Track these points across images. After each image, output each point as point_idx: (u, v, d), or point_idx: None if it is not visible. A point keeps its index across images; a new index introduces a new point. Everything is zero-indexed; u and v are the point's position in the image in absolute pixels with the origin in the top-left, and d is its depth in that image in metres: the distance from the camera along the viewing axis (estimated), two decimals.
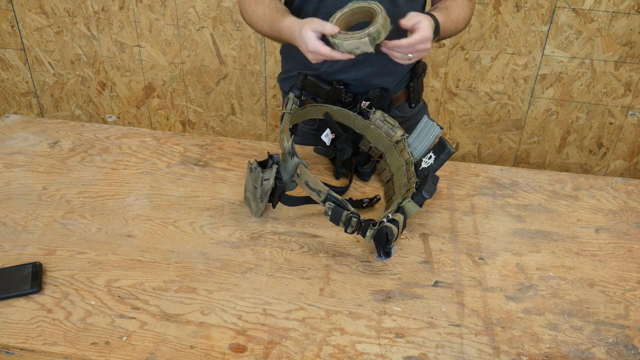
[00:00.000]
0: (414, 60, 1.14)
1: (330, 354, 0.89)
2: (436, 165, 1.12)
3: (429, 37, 1.10)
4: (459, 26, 1.26)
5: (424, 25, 1.10)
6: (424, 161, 1.15)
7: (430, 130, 1.16)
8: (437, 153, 1.13)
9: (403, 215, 1.05)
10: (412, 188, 1.11)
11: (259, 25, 1.26)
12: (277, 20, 1.20)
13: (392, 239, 1.00)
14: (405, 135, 1.23)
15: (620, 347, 0.92)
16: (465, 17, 1.27)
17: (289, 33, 1.17)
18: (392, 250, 1.03)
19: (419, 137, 1.19)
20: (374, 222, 1.02)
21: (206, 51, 2.46)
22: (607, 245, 1.14)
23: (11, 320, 0.93)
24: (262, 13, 1.23)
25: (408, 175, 1.17)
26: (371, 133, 1.27)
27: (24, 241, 1.10)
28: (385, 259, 1.04)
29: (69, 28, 2.51)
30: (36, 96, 2.74)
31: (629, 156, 2.45)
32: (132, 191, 1.24)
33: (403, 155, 1.21)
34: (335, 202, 1.03)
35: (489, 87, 2.37)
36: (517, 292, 1.02)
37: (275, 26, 1.21)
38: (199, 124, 2.69)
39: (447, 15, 1.21)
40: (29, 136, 1.42)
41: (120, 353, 0.88)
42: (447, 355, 0.89)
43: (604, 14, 2.14)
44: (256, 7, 1.25)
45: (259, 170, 1.06)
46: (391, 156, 1.25)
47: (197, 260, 1.06)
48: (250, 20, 1.28)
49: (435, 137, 1.15)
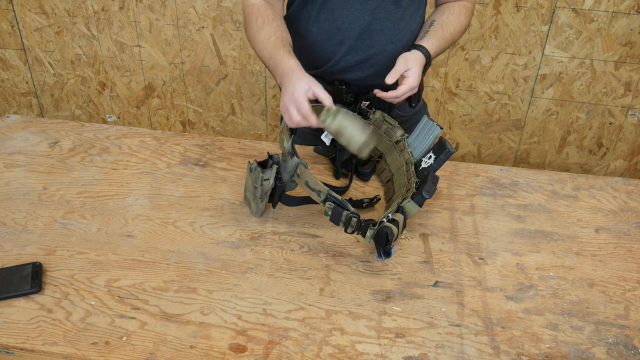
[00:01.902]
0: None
1: (330, 354, 0.89)
2: (436, 165, 1.12)
3: (415, 85, 1.18)
4: (455, 38, 1.29)
5: (411, 75, 1.17)
6: (423, 161, 1.15)
7: (430, 130, 1.16)
8: (437, 153, 1.12)
9: (403, 215, 1.05)
10: (412, 188, 1.11)
11: (259, 47, 1.22)
12: (280, 55, 1.16)
13: (392, 239, 1.00)
14: (405, 135, 1.23)
15: (620, 347, 0.92)
16: (461, 29, 1.29)
17: (286, 72, 1.13)
18: (392, 250, 1.03)
19: (418, 137, 1.19)
20: (374, 222, 1.02)
21: (206, 51, 2.46)
22: (607, 245, 1.14)
23: (11, 320, 0.93)
24: (265, 37, 1.20)
25: (408, 175, 1.17)
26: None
27: (24, 241, 1.10)
28: (385, 259, 1.04)
29: (69, 28, 2.51)
30: (36, 96, 2.74)
31: (629, 156, 2.45)
32: (132, 191, 1.24)
33: (403, 155, 1.21)
34: (335, 202, 1.03)
35: (489, 87, 2.37)
36: (517, 292, 1.02)
37: (275, 58, 1.17)
38: (199, 124, 2.69)
39: (442, 37, 1.25)
40: (29, 136, 1.42)
41: (120, 353, 0.88)
42: (447, 355, 0.89)
43: (604, 14, 2.14)
44: (262, 26, 1.21)
45: (259, 170, 1.06)
46: (391, 156, 1.25)
47: (197, 260, 1.06)
48: (251, 38, 1.25)
49: (435, 137, 1.15)
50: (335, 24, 1.24)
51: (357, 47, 1.26)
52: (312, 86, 1.08)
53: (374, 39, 1.25)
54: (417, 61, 1.19)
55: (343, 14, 1.23)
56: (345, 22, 1.23)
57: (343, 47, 1.26)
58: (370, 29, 1.24)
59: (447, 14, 1.27)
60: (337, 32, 1.25)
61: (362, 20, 1.23)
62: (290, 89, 1.09)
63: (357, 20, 1.23)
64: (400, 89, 1.17)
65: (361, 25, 1.23)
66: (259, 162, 1.08)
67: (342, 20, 1.23)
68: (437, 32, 1.25)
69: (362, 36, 1.25)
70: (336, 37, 1.26)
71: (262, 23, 1.21)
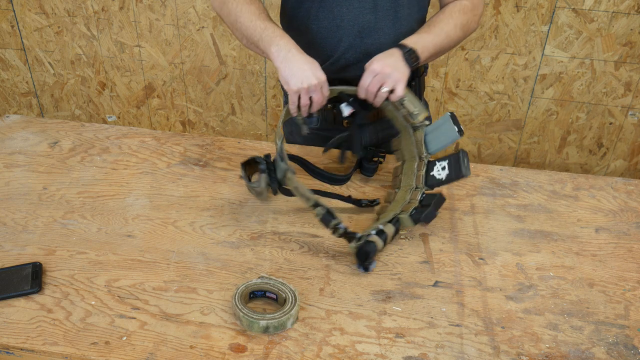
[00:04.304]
0: (385, 91, 1.13)
1: (330, 354, 0.89)
2: (445, 182, 1.11)
3: (378, 70, 1.11)
4: (450, 35, 1.23)
5: (372, 62, 1.12)
6: (436, 169, 1.12)
7: (448, 132, 1.11)
8: (450, 168, 1.09)
9: (396, 226, 1.06)
10: (415, 200, 1.11)
11: (246, 17, 1.17)
12: (279, 30, 1.14)
13: (372, 255, 1.01)
14: (425, 122, 1.15)
15: (620, 347, 0.92)
16: (456, 24, 1.23)
17: (284, 41, 1.12)
18: (370, 266, 1.03)
19: (435, 133, 1.13)
20: (359, 236, 1.02)
21: (206, 51, 2.46)
22: (607, 245, 1.14)
23: (11, 320, 0.93)
24: (256, 11, 1.18)
25: (417, 179, 1.15)
26: (389, 112, 1.21)
27: (24, 241, 1.10)
28: (364, 272, 1.04)
29: (69, 28, 2.51)
30: (36, 96, 2.74)
31: (629, 156, 2.45)
32: (132, 191, 1.24)
33: (418, 147, 1.16)
34: (325, 208, 1.03)
35: (489, 87, 2.37)
36: (517, 292, 1.02)
37: (274, 29, 1.15)
38: (199, 124, 2.69)
39: (427, 31, 1.20)
40: (29, 136, 1.42)
41: (120, 353, 0.88)
42: (447, 355, 0.89)
43: (604, 14, 2.14)
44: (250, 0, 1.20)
45: (246, 179, 1.10)
46: (406, 139, 1.20)
47: (197, 260, 1.06)
48: (234, 9, 1.21)
49: (451, 141, 1.11)
50: (334, 22, 1.24)
51: (356, 45, 1.26)
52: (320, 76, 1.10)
53: (373, 37, 1.25)
54: (384, 53, 1.13)
55: (342, 12, 1.23)
56: (345, 19, 1.23)
57: (342, 45, 1.26)
58: (369, 27, 1.24)
59: (439, 14, 1.25)
60: (337, 29, 1.25)
61: (361, 18, 1.23)
62: (310, 66, 1.10)
63: (357, 17, 1.23)
64: (363, 77, 1.12)
65: (360, 22, 1.23)
66: (246, 162, 1.10)
67: (342, 17, 1.23)
68: (422, 29, 1.21)
69: (361, 34, 1.24)
70: (335, 35, 1.25)
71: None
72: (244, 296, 0.95)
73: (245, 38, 1.19)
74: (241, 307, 0.92)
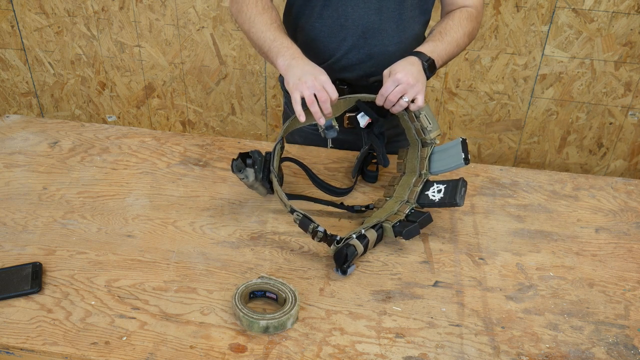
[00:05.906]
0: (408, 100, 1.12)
1: (330, 354, 0.89)
2: (437, 205, 1.10)
3: (405, 80, 1.10)
4: (459, 43, 1.24)
5: (396, 70, 1.11)
6: (432, 190, 1.12)
7: (455, 157, 1.11)
8: (446, 193, 1.09)
9: (378, 232, 1.06)
10: (402, 213, 1.10)
11: (259, 27, 1.18)
12: (288, 41, 1.15)
13: (351, 259, 1.01)
14: (435, 141, 1.15)
15: (620, 347, 0.92)
16: (465, 33, 1.24)
17: (290, 51, 1.12)
18: (349, 269, 1.03)
19: (442, 154, 1.14)
20: (338, 239, 1.02)
21: (206, 51, 2.46)
22: (607, 245, 1.14)
23: (11, 320, 0.93)
24: (268, 22, 1.18)
25: (411, 194, 1.15)
26: (403, 121, 1.20)
27: (24, 241, 1.10)
28: (342, 275, 1.04)
29: (69, 28, 2.51)
30: (36, 96, 2.74)
31: (629, 156, 2.45)
32: (132, 191, 1.24)
33: (421, 163, 1.17)
34: (300, 214, 1.03)
35: (489, 87, 2.37)
36: (517, 292, 1.02)
37: (283, 41, 1.15)
38: (199, 124, 2.69)
39: (440, 40, 1.20)
40: (29, 136, 1.42)
41: (120, 353, 0.88)
42: (447, 355, 0.89)
43: (604, 14, 2.14)
44: (264, 11, 1.20)
45: (236, 169, 1.09)
46: (412, 153, 1.20)
47: (197, 260, 1.06)
48: (250, 19, 1.20)
49: (455, 167, 1.11)
50: (339, 21, 1.24)
51: (359, 45, 1.26)
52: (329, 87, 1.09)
53: (377, 38, 1.25)
54: (406, 61, 1.13)
55: (347, 11, 1.23)
56: (349, 19, 1.23)
57: (345, 45, 1.26)
58: (373, 28, 1.24)
59: (448, 21, 1.25)
60: (341, 29, 1.25)
61: (365, 18, 1.23)
62: (311, 68, 1.10)
63: (361, 18, 1.23)
64: (385, 85, 1.11)
65: (365, 23, 1.23)
66: (238, 157, 1.11)
67: (346, 17, 1.23)
68: (434, 37, 1.21)
69: (365, 34, 1.25)
70: (339, 34, 1.25)
71: (263, 8, 1.20)
72: (244, 296, 0.95)
73: (257, 47, 1.21)
74: (241, 307, 0.92)
